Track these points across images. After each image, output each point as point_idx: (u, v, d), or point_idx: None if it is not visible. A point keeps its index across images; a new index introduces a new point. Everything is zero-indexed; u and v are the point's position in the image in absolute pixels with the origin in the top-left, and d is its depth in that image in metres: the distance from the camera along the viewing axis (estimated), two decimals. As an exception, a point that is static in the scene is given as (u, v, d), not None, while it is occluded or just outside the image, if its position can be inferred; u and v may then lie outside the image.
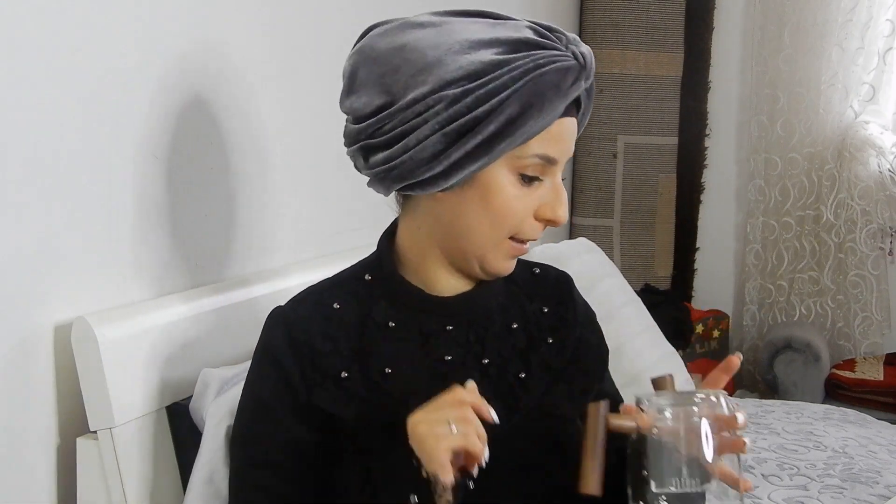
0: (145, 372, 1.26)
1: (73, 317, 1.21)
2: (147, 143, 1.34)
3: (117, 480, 1.21)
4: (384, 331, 1.00)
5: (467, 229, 0.97)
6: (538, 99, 0.89)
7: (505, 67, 0.89)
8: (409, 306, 1.02)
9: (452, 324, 1.02)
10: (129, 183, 1.32)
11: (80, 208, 1.24)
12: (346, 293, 1.03)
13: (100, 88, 1.26)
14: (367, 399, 0.98)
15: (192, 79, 1.41)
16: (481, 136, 0.90)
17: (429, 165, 0.92)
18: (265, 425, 1.00)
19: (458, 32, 0.92)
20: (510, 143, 0.91)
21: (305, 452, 0.99)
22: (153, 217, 1.36)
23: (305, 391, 0.98)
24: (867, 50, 2.82)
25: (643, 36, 2.98)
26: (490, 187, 0.94)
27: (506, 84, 0.89)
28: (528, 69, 0.89)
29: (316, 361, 0.98)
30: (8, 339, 1.16)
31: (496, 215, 0.95)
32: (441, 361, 1.00)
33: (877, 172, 2.85)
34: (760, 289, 3.12)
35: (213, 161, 1.46)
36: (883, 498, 1.76)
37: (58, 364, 1.22)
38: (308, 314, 1.02)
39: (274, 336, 1.02)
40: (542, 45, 0.91)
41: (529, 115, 0.90)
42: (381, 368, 0.99)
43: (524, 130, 0.90)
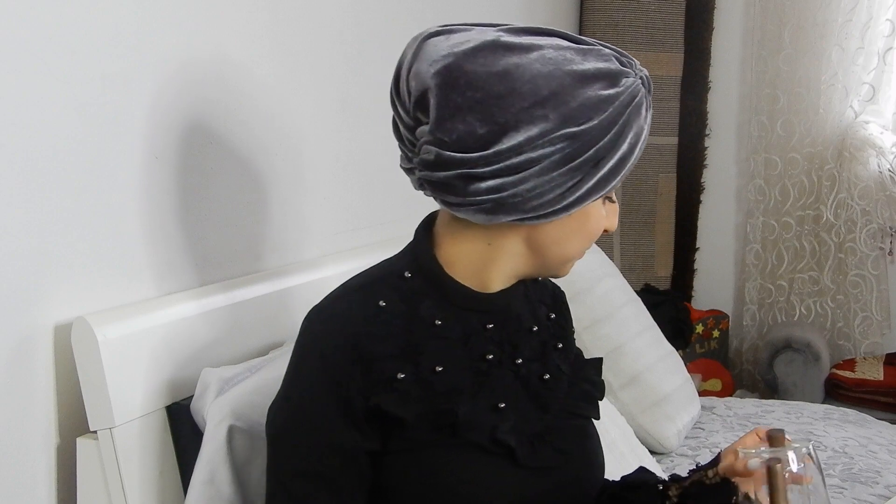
0: (145, 372, 1.26)
1: (73, 317, 1.21)
2: (148, 143, 1.34)
3: (117, 480, 1.21)
4: (431, 328, 1.00)
5: (560, 251, 1.01)
6: (637, 129, 0.95)
7: (615, 102, 0.93)
8: (455, 304, 1.01)
9: (492, 322, 1.03)
10: (129, 183, 1.32)
11: (81, 208, 1.24)
12: (389, 291, 1.01)
13: (100, 88, 1.26)
14: (422, 398, 0.97)
15: (192, 76, 1.41)
16: (604, 169, 0.94)
17: (551, 199, 0.94)
18: (314, 433, 0.96)
19: (560, 63, 0.92)
20: (620, 178, 0.97)
21: (358, 461, 0.97)
22: (153, 217, 1.36)
23: (362, 396, 0.96)
24: (867, 50, 2.82)
25: (643, 36, 2.98)
26: (590, 213, 0.99)
27: (615, 118, 0.93)
28: (626, 102, 0.93)
29: (372, 363, 0.96)
30: (8, 339, 1.16)
31: (589, 237, 1.02)
32: (483, 360, 1.01)
33: (877, 172, 2.85)
34: (760, 289, 3.12)
35: (214, 161, 1.46)
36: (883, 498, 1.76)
37: (58, 364, 1.22)
38: (356, 313, 0.98)
39: (324, 336, 0.98)
40: (626, 73, 0.95)
41: (635, 145, 0.96)
42: (432, 367, 0.98)
43: (630, 164, 0.96)
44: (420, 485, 0.96)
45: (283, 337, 1.51)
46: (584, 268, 2.12)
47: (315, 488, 0.96)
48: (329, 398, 0.96)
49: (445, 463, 0.96)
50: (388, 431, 0.97)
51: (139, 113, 1.32)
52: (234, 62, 1.51)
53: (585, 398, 1.10)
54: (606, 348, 2.00)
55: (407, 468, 0.97)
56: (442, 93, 0.92)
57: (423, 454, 0.97)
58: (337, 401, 0.95)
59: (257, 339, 1.47)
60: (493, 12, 2.41)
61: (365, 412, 0.96)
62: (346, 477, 0.97)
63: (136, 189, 1.33)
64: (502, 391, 1.01)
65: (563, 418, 1.05)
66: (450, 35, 0.95)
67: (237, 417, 1.21)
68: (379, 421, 0.96)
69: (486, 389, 1.00)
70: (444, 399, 0.97)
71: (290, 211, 1.66)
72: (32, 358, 1.19)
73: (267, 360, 1.37)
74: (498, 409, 1.00)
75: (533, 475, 0.99)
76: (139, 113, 1.32)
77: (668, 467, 1.88)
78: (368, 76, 1.84)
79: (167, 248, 1.39)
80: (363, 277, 1.04)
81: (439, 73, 0.92)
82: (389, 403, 0.95)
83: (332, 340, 0.97)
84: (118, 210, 1.30)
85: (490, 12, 2.39)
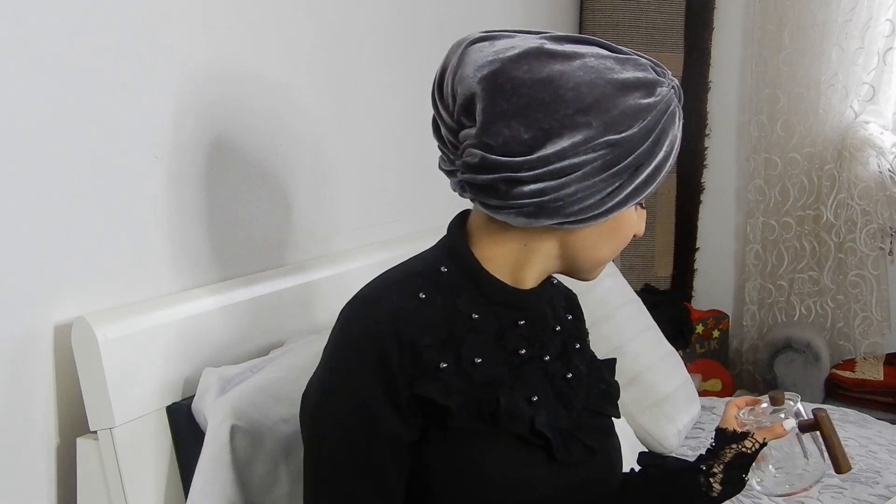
0: (145, 372, 1.26)
1: (73, 317, 1.21)
2: (148, 143, 1.34)
3: (117, 480, 1.21)
4: (469, 322, 1.01)
5: (593, 254, 1.04)
6: (672, 137, 0.99)
7: (654, 110, 0.96)
8: (491, 300, 1.03)
9: (523, 319, 1.05)
10: (129, 183, 1.32)
11: (81, 209, 1.24)
12: (427, 284, 1.02)
13: (100, 88, 1.26)
14: (463, 388, 0.98)
15: (199, 75, 1.41)
16: (641, 176, 0.97)
17: (590, 204, 0.96)
18: (364, 422, 0.96)
19: (602, 71, 0.95)
20: (655, 186, 1.00)
21: (403, 450, 0.98)
22: (153, 217, 1.36)
23: (407, 383, 0.96)
24: (867, 50, 2.82)
25: (643, 36, 2.98)
26: (624, 219, 1.02)
27: (653, 126, 0.96)
28: (662, 110, 0.97)
29: (418, 351, 0.97)
30: (8, 339, 1.16)
31: (621, 241, 1.05)
32: (516, 355, 1.03)
33: (877, 172, 2.85)
34: (760, 289, 3.12)
35: (214, 161, 1.46)
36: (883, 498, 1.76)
37: (58, 364, 1.22)
38: (399, 303, 0.99)
39: (371, 323, 0.98)
40: (661, 82, 0.98)
41: (670, 153, 0.99)
42: (471, 358, 1.00)
43: (668, 167, 1.00)
44: (459, 472, 0.98)
45: (283, 337, 1.52)
46: (584, 268, 2.12)
47: (362, 478, 0.97)
48: (377, 385, 0.96)
49: (486, 451, 0.98)
50: (428, 420, 0.98)
51: (140, 113, 1.32)
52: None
53: (605, 397, 1.13)
54: (606, 348, 2.00)
55: (446, 456, 0.98)
56: (488, 98, 0.94)
57: (463, 442, 0.98)
58: (385, 388, 0.96)
59: (257, 338, 1.47)
60: (494, 12, 2.42)
61: (409, 400, 0.96)
62: (392, 466, 0.97)
63: (137, 189, 1.33)
64: (534, 385, 1.04)
65: (587, 417, 1.08)
66: (494, 41, 0.98)
67: (239, 417, 1.21)
68: (421, 410, 0.97)
69: (520, 383, 1.02)
70: (484, 390, 0.99)
71: (290, 211, 1.67)
72: (32, 358, 1.19)
73: (267, 360, 1.37)
74: (532, 402, 1.02)
75: (563, 470, 1.02)
76: (140, 113, 1.32)
77: (668, 467, 1.88)
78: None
79: (167, 248, 1.39)
80: (398, 271, 1.05)
81: (486, 78, 0.94)
82: (434, 392, 0.96)
83: (379, 327, 0.97)
84: (118, 210, 1.30)
85: (490, 12, 2.39)
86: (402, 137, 1.97)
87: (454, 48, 1.00)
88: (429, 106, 1.02)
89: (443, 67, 1.00)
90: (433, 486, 0.99)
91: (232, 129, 1.51)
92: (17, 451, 1.18)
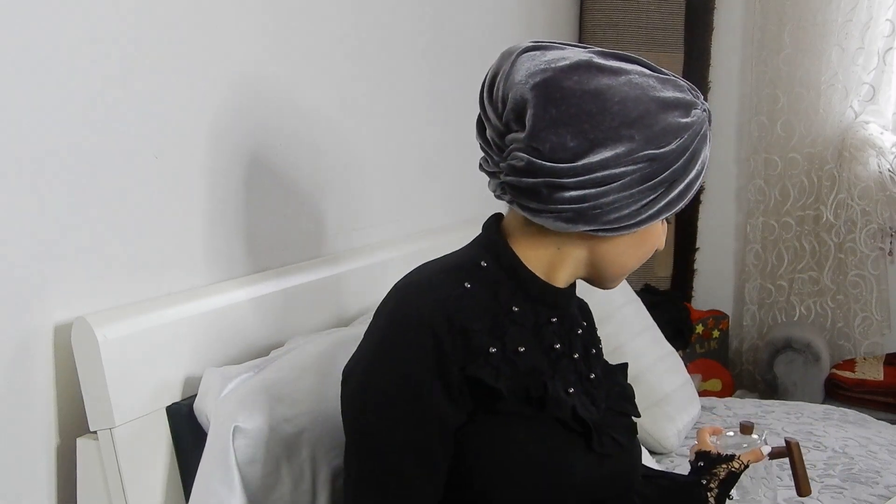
0: (145, 372, 1.26)
1: (73, 317, 1.21)
2: (148, 143, 1.34)
3: (117, 480, 1.21)
4: (510, 314, 1.05)
5: (620, 264, 1.08)
6: (704, 157, 1.04)
7: (690, 130, 1.01)
8: (529, 295, 1.07)
9: (556, 316, 1.09)
10: (130, 182, 1.32)
11: (81, 208, 1.24)
12: (469, 276, 1.05)
13: (100, 88, 1.26)
14: (510, 374, 1.01)
15: (196, 76, 1.41)
16: (675, 191, 1.02)
17: (627, 214, 1.01)
18: (417, 403, 0.97)
19: (646, 88, 1.00)
20: (690, 197, 1.05)
21: (450, 433, 0.99)
22: (153, 217, 1.36)
23: (459, 366, 0.98)
24: (867, 50, 2.83)
25: (643, 36, 2.98)
26: (652, 231, 1.08)
27: (688, 145, 1.01)
28: (697, 131, 1.02)
29: (468, 335, 0.99)
30: (8, 339, 1.16)
31: (647, 253, 1.10)
32: (552, 349, 1.07)
33: (877, 172, 2.85)
34: (760, 289, 3.12)
35: (214, 160, 1.46)
36: (883, 498, 1.76)
37: (58, 364, 1.22)
38: (446, 290, 1.02)
39: (422, 305, 1.00)
40: (696, 104, 1.04)
41: (701, 172, 1.04)
42: (515, 347, 1.03)
43: (698, 185, 1.05)
44: (504, 455, 1.00)
45: (284, 337, 1.52)
46: (584, 268, 2.13)
47: (410, 458, 0.98)
48: (430, 366, 0.97)
49: (532, 434, 1.01)
50: (477, 403, 1.00)
51: (139, 113, 1.32)
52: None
53: (625, 398, 1.17)
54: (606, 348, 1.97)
55: (493, 439, 1.00)
56: (539, 105, 0.98)
57: (511, 426, 1.01)
58: (438, 370, 0.97)
59: (257, 339, 1.47)
60: (494, 12, 2.42)
61: (460, 382, 0.98)
62: (440, 449, 0.99)
63: (137, 189, 1.33)
64: (569, 379, 1.08)
65: (611, 416, 1.12)
66: (545, 51, 1.02)
67: (241, 417, 1.21)
68: (471, 392, 0.99)
69: (559, 374, 1.06)
70: (529, 377, 1.02)
71: (288, 212, 1.66)
72: (32, 358, 1.19)
73: (269, 361, 1.37)
74: (569, 393, 1.06)
75: (597, 461, 1.05)
76: (139, 113, 1.32)
77: (667, 467, 1.88)
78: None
79: (167, 248, 1.39)
80: (437, 265, 1.08)
81: (538, 85, 0.98)
82: (486, 375, 0.99)
83: (430, 309, 0.99)
84: (118, 210, 1.30)
85: (490, 12, 2.39)
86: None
87: (505, 55, 1.04)
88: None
89: (494, 72, 1.05)
90: (476, 471, 1.00)
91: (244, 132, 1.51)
92: (17, 451, 1.18)
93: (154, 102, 1.35)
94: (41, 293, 1.20)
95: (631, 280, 2.44)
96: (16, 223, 1.16)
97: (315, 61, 1.70)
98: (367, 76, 1.83)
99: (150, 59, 1.33)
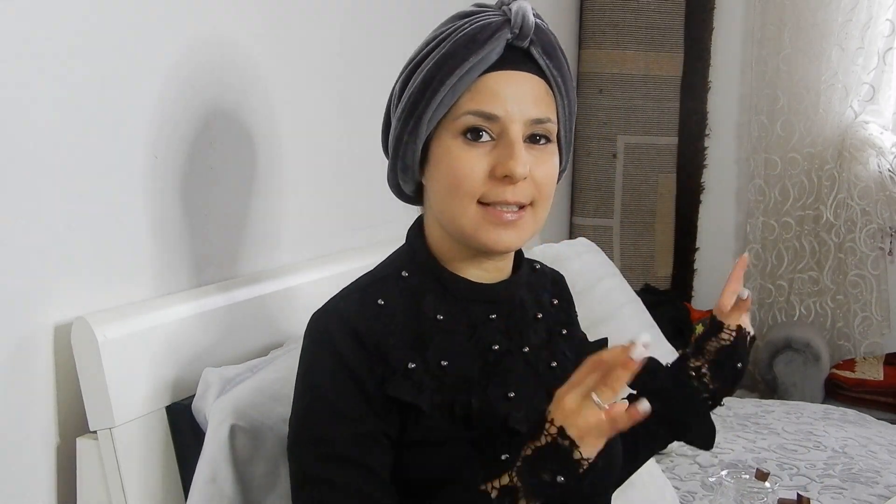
0: (145, 372, 1.26)
1: (73, 317, 1.21)
2: (148, 143, 1.34)
3: (117, 480, 1.21)
4: (434, 323, 1.00)
5: (441, 205, 0.99)
6: (450, 58, 0.94)
7: (433, 42, 0.96)
8: (457, 297, 1.01)
9: (495, 312, 1.03)
10: (130, 183, 1.32)
11: (81, 208, 1.24)
12: (387, 290, 1.01)
13: (100, 88, 1.26)
14: (435, 389, 0.96)
15: (196, 76, 1.41)
16: (414, 109, 0.96)
17: (387, 152, 1.02)
18: (335, 424, 0.94)
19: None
20: (432, 107, 0.95)
21: (382, 443, 0.95)
22: (153, 217, 1.36)
23: (376, 385, 0.95)
24: (867, 50, 2.83)
25: (643, 36, 2.98)
26: (440, 156, 0.97)
27: (431, 56, 0.95)
28: (451, 36, 0.95)
29: (382, 353, 0.95)
30: (8, 339, 1.16)
31: (446, 179, 0.97)
32: (489, 350, 1.01)
33: (877, 172, 2.85)
34: (760, 289, 3.12)
35: (214, 160, 1.46)
36: (883, 498, 1.76)
37: (58, 364, 1.22)
38: (358, 311, 0.98)
39: (333, 332, 0.96)
40: (474, 13, 0.96)
41: (444, 74, 0.94)
42: (438, 361, 0.98)
43: (441, 90, 0.94)
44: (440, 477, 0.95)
45: (283, 337, 1.52)
46: (584, 268, 2.12)
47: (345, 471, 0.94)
48: (348, 388, 0.95)
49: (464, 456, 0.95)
50: (404, 419, 0.96)
51: (139, 113, 1.32)
52: (234, 64, 1.51)
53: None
54: (606, 348, 1.99)
55: (426, 463, 0.96)
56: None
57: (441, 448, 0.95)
58: (356, 390, 0.94)
59: (257, 339, 1.47)
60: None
61: (382, 401, 0.95)
62: (373, 458, 0.95)
63: (137, 189, 1.33)
64: (512, 380, 1.01)
65: None
66: None
67: (239, 416, 1.21)
68: (396, 409, 0.96)
69: (495, 379, 1.00)
70: (456, 391, 0.97)
71: (288, 212, 1.67)
72: (32, 358, 1.19)
73: (267, 361, 1.37)
74: (508, 398, 0.99)
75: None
76: (139, 113, 1.32)
77: (667, 467, 1.88)
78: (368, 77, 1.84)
79: (167, 249, 1.39)
80: (362, 280, 1.05)
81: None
82: (404, 392, 0.95)
83: (341, 336, 0.96)
84: (118, 210, 1.30)
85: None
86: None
87: None
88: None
89: None
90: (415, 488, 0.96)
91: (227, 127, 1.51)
92: (17, 451, 1.18)
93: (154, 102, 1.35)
94: (41, 293, 1.20)
95: (631, 280, 2.44)
96: (16, 223, 1.16)
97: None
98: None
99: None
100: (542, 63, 0.98)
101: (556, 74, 0.99)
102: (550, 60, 0.98)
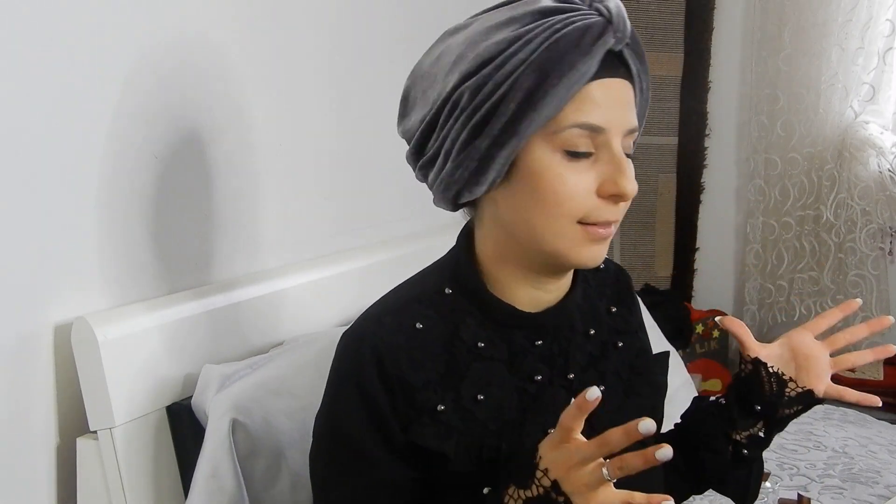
0: (145, 372, 1.26)
1: (73, 317, 1.21)
2: (147, 144, 1.34)
3: (117, 480, 1.21)
4: (473, 351, 0.93)
5: (527, 223, 0.89)
6: (556, 64, 0.82)
7: (519, 42, 0.83)
8: (499, 323, 0.94)
9: (541, 338, 0.95)
10: (129, 183, 1.32)
11: (80, 208, 1.24)
12: (428, 310, 0.93)
13: (99, 88, 1.26)
14: (464, 431, 0.90)
15: (196, 77, 1.41)
16: (504, 118, 0.84)
17: (430, 155, 0.91)
18: (357, 465, 0.90)
19: (481, 24, 0.87)
20: (535, 119, 0.84)
21: (402, 492, 0.91)
22: (154, 217, 1.36)
23: (400, 428, 0.90)
24: (867, 50, 2.82)
25: (643, 36, 2.98)
26: (535, 171, 0.86)
27: (522, 59, 0.83)
28: (544, 38, 0.83)
29: (409, 396, 0.89)
30: (8, 339, 1.16)
31: (548, 199, 0.86)
32: (531, 381, 0.94)
33: (877, 172, 2.85)
34: (760, 289, 3.12)
35: (213, 161, 1.46)
36: (883, 498, 1.76)
37: (58, 364, 1.22)
38: (393, 340, 0.91)
39: (362, 365, 0.90)
40: (561, 9, 0.84)
41: (549, 83, 0.82)
42: (473, 395, 0.91)
43: (547, 101, 0.83)
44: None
45: (283, 337, 1.52)
46: (584, 268, 2.12)
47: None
48: (372, 432, 0.90)
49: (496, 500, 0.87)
50: (429, 462, 0.91)
51: (139, 113, 1.32)
52: (228, 63, 1.51)
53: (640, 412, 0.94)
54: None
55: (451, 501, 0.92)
56: (405, 93, 0.96)
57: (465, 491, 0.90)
58: (380, 434, 0.90)
59: (257, 339, 1.47)
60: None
61: (405, 444, 0.90)
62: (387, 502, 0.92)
63: (137, 190, 1.33)
64: (553, 413, 0.90)
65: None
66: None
67: (239, 412, 1.21)
68: (420, 453, 0.91)
69: (532, 414, 0.93)
70: (487, 430, 0.91)
71: (288, 212, 1.67)
72: (32, 358, 1.19)
73: (268, 358, 1.37)
74: (547, 434, 0.89)
75: None
76: (139, 113, 1.32)
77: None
78: (365, 75, 1.84)
79: (168, 249, 1.39)
80: (401, 294, 0.97)
81: (409, 76, 0.96)
82: (429, 438, 0.89)
83: (369, 373, 0.90)
84: (118, 210, 1.30)
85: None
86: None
87: None
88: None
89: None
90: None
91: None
92: (17, 451, 1.18)
93: (152, 102, 1.34)
94: (41, 293, 1.20)
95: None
96: (15, 223, 1.16)
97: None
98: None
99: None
100: (634, 68, 0.90)
101: (643, 78, 0.92)
102: (641, 65, 0.91)
